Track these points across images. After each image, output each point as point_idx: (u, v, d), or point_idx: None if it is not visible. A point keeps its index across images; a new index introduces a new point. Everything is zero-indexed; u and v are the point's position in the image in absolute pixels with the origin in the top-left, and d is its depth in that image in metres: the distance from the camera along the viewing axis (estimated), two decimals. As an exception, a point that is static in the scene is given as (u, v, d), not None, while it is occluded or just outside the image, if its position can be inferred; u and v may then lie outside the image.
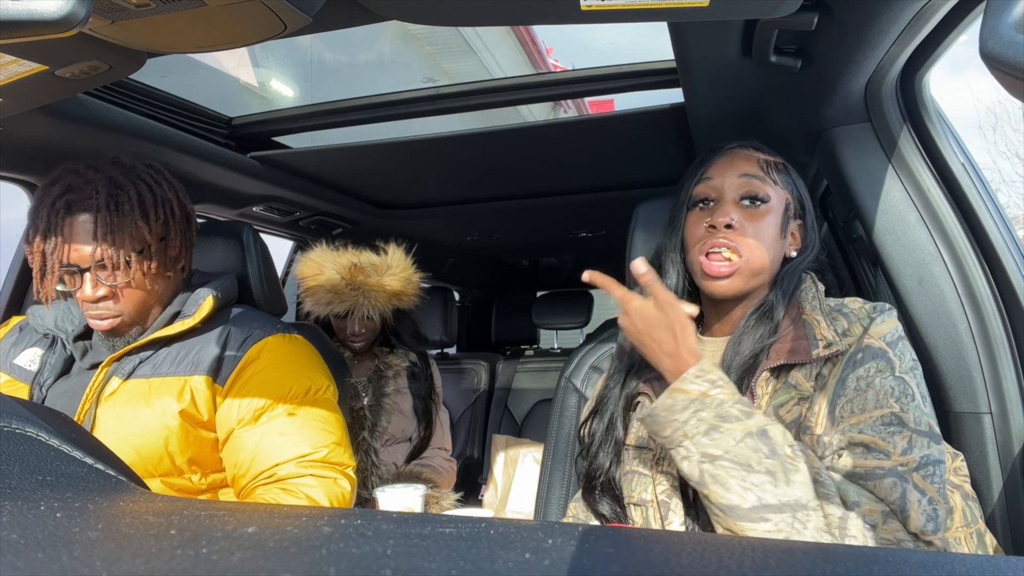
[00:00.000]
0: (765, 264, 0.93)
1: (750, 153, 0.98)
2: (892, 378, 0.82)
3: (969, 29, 0.94)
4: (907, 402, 0.80)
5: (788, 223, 0.96)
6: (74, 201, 1.08)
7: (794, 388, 0.87)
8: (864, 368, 0.83)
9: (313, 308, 1.88)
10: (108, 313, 1.11)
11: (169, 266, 1.17)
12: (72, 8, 0.51)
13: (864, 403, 0.80)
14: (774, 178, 0.96)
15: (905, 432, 0.78)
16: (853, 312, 0.90)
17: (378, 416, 1.93)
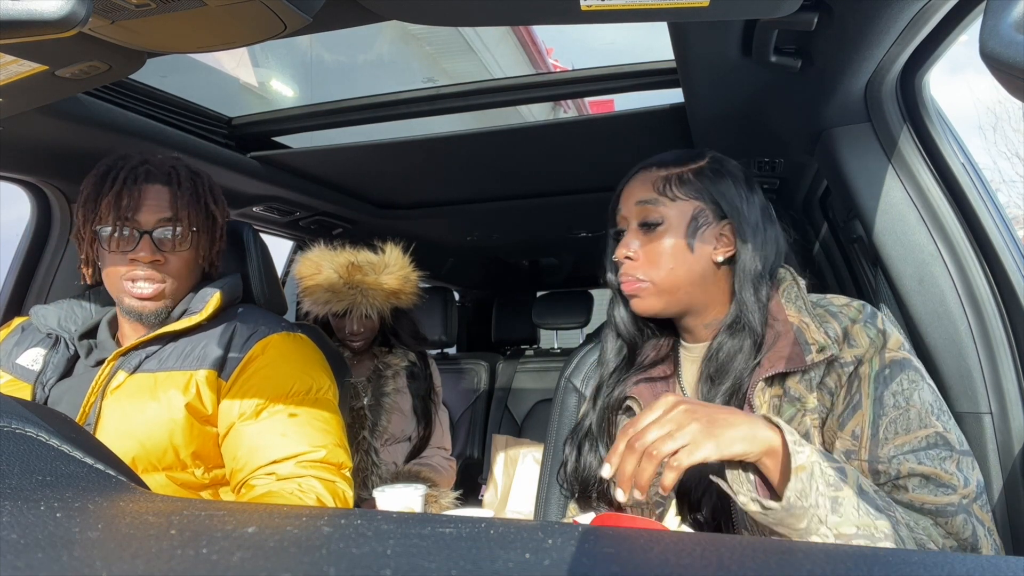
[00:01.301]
0: (677, 280, 0.94)
1: (648, 174, 0.98)
2: (927, 389, 0.83)
3: (969, 29, 0.94)
4: (947, 420, 0.81)
5: (700, 231, 0.95)
6: (152, 172, 1.16)
7: (797, 400, 0.86)
8: (897, 383, 0.82)
9: (311, 307, 1.88)
10: (156, 277, 1.15)
11: (216, 257, 1.25)
12: (72, 8, 0.51)
13: (908, 423, 0.80)
14: (672, 194, 0.95)
15: (953, 456, 0.78)
16: (841, 312, 0.89)
17: (378, 415, 1.93)
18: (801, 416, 0.85)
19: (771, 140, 1.45)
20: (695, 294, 0.96)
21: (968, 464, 0.79)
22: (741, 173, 0.99)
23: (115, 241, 1.13)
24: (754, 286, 0.93)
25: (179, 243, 1.16)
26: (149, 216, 1.14)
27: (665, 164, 0.98)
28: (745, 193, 0.97)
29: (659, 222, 0.95)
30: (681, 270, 0.94)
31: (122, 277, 1.14)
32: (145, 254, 1.13)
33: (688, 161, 0.98)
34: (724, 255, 0.95)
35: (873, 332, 0.86)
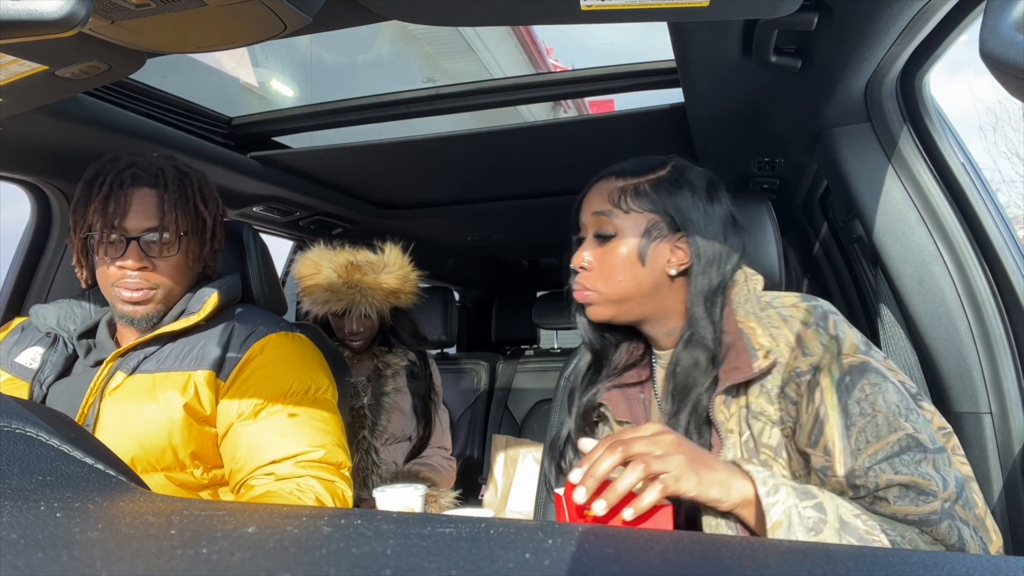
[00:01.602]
0: (626, 292, 0.95)
1: (606, 184, 0.98)
2: (891, 389, 0.80)
3: (969, 29, 0.94)
4: (916, 418, 0.79)
5: (654, 244, 0.94)
6: (140, 175, 1.15)
7: (760, 414, 0.85)
8: (859, 390, 0.80)
9: (311, 307, 1.88)
10: (144, 284, 1.14)
11: (209, 258, 1.24)
12: (72, 8, 0.51)
13: (877, 430, 0.78)
14: (627, 206, 0.95)
15: (928, 456, 0.77)
16: (792, 316, 0.87)
17: (378, 415, 1.93)
18: (769, 428, 0.84)
19: (771, 140, 1.45)
20: (648, 305, 0.96)
21: (943, 462, 0.78)
22: (703, 182, 0.98)
23: (103, 248, 1.12)
24: (706, 300, 0.93)
25: (167, 249, 1.15)
26: (136, 222, 1.12)
27: (624, 174, 0.98)
28: (703, 204, 0.96)
29: (612, 234, 0.95)
30: (631, 283, 0.94)
31: (112, 283, 1.14)
32: (133, 261, 1.12)
33: (647, 171, 0.97)
34: (678, 268, 0.95)
35: (826, 338, 0.84)
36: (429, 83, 5.65)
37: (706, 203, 0.96)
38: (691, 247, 0.94)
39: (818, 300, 0.89)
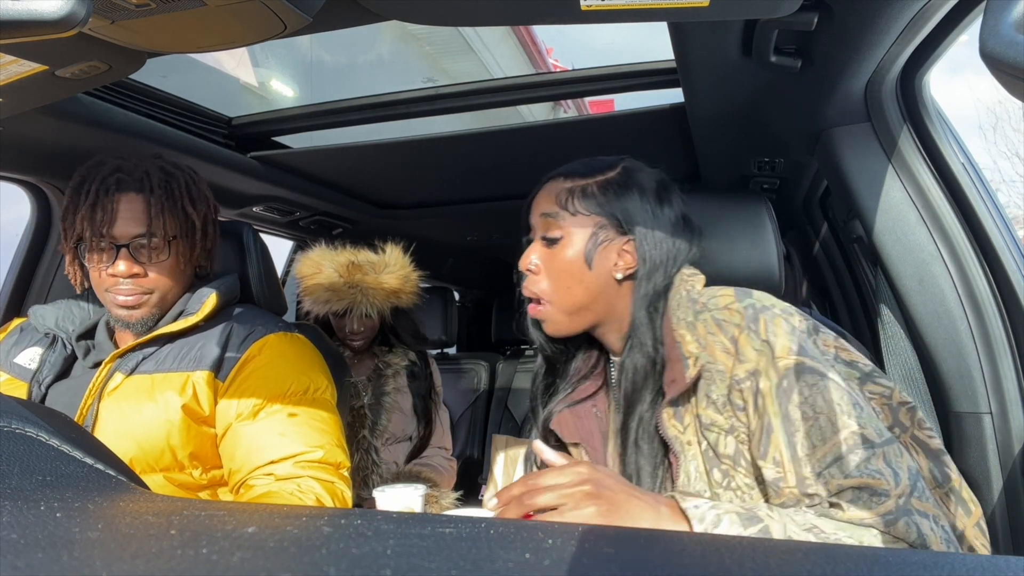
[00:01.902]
0: (575, 299, 0.93)
1: (555, 185, 0.97)
2: (830, 387, 0.77)
3: (969, 29, 0.94)
4: (859, 412, 0.76)
5: (600, 247, 0.93)
6: (125, 180, 1.13)
7: (712, 425, 0.83)
8: (798, 393, 0.77)
9: (312, 307, 1.88)
10: (136, 290, 1.14)
11: (202, 258, 1.22)
12: (72, 8, 0.51)
13: (822, 432, 0.75)
14: (574, 208, 0.94)
15: (876, 452, 0.74)
16: (725, 320, 0.85)
17: (378, 415, 1.93)
18: (723, 438, 0.82)
19: (771, 140, 1.44)
20: (599, 309, 0.95)
21: (894, 453, 0.75)
22: (653, 183, 0.96)
23: (94, 256, 1.12)
24: (649, 306, 0.91)
25: (156, 254, 1.14)
26: (124, 229, 1.11)
27: (572, 175, 0.96)
28: (652, 206, 0.94)
29: (559, 237, 0.94)
30: (579, 288, 0.93)
31: (106, 289, 1.14)
32: (123, 268, 1.12)
33: (596, 172, 0.96)
34: (625, 272, 0.93)
35: (757, 343, 0.81)
36: (429, 83, 5.65)
37: (655, 205, 0.94)
38: (638, 251, 0.93)
39: (751, 297, 0.86)
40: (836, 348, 0.90)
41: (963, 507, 0.85)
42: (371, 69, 6.00)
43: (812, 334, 0.86)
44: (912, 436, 0.88)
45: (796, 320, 0.85)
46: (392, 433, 1.96)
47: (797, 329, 0.83)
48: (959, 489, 0.85)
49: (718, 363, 0.83)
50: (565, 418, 0.99)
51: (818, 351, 0.83)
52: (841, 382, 0.78)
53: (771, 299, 0.86)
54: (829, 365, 0.80)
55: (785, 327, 0.82)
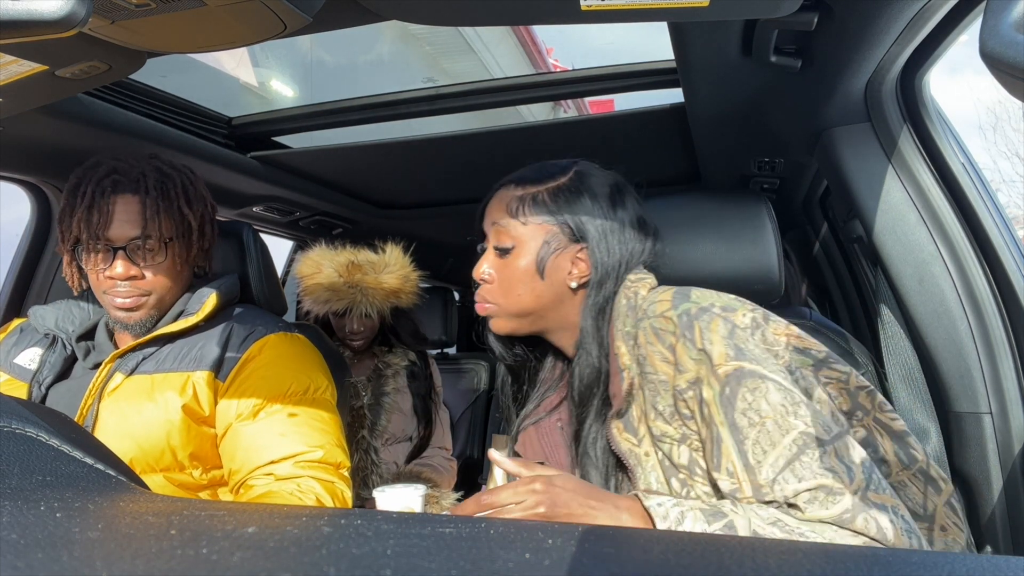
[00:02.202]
0: (525, 306, 0.92)
1: (506, 193, 0.95)
2: (772, 388, 0.76)
3: (969, 29, 0.94)
4: (804, 410, 0.75)
5: (552, 256, 0.91)
6: (120, 182, 1.12)
7: (664, 436, 0.82)
8: (741, 399, 0.76)
9: (312, 307, 1.88)
10: (134, 292, 1.13)
11: (199, 258, 1.22)
12: (72, 8, 0.51)
13: (769, 436, 0.74)
14: (525, 217, 0.92)
15: (827, 448, 0.72)
16: (663, 328, 0.83)
17: (378, 415, 1.93)
18: (676, 448, 0.81)
19: (771, 140, 1.44)
20: (550, 317, 0.94)
21: (845, 447, 0.73)
22: (607, 187, 0.95)
23: (91, 259, 1.12)
24: (597, 315, 0.90)
25: (153, 256, 1.14)
26: (120, 232, 1.11)
27: (523, 182, 0.95)
28: (605, 211, 0.92)
29: (511, 246, 0.92)
30: (530, 297, 0.92)
31: (103, 291, 1.14)
32: (121, 271, 1.11)
33: (547, 178, 0.94)
34: (579, 280, 0.92)
35: (694, 352, 0.80)
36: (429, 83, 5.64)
37: (608, 210, 0.93)
38: (591, 258, 0.91)
39: (688, 300, 0.84)
40: (788, 335, 0.87)
41: (933, 486, 0.83)
42: (371, 69, 6.00)
43: (761, 325, 0.84)
44: (875, 419, 0.86)
45: (740, 316, 0.83)
46: (392, 433, 1.96)
47: (738, 328, 0.81)
48: (927, 468, 0.84)
49: (659, 373, 0.82)
50: (529, 436, 0.98)
51: (760, 349, 0.80)
52: (784, 381, 0.77)
53: (711, 297, 0.85)
54: (772, 363, 0.79)
55: (722, 330, 0.80)
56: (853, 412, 0.86)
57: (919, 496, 0.83)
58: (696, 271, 1.17)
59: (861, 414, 0.86)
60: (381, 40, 6.14)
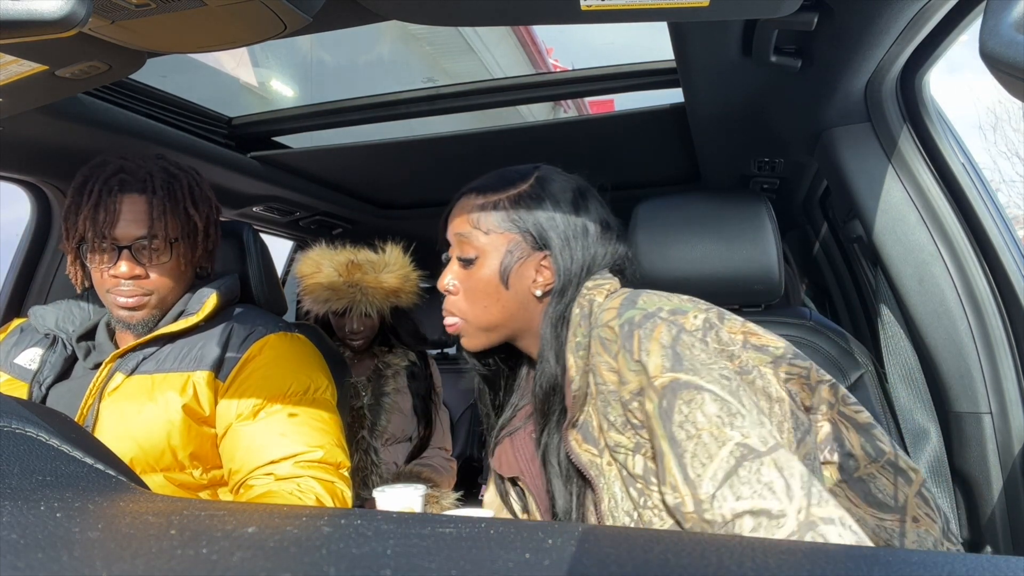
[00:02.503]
0: (492, 318, 0.91)
1: (467, 202, 0.94)
2: (707, 399, 0.74)
3: (969, 29, 0.94)
4: (740, 421, 0.73)
5: (516, 265, 0.90)
6: (128, 181, 1.13)
7: (619, 447, 0.80)
8: (678, 412, 0.74)
9: (312, 306, 1.88)
10: (138, 292, 1.14)
11: (203, 259, 1.22)
12: (72, 8, 0.51)
13: (707, 448, 0.72)
14: (486, 227, 0.91)
15: (764, 459, 0.70)
16: (608, 339, 0.82)
17: (377, 415, 1.93)
18: (632, 458, 0.79)
19: (771, 140, 1.45)
20: (516, 326, 0.93)
21: (783, 459, 0.70)
22: (569, 192, 0.94)
23: (96, 257, 1.12)
24: (557, 322, 0.89)
25: (158, 256, 1.14)
26: (126, 231, 1.11)
27: (484, 190, 0.93)
28: (568, 216, 0.91)
29: (474, 257, 0.91)
30: (496, 308, 0.91)
31: (107, 290, 1.14)
32: (125, 270, 1.11)
33: (508, 185, 0.93)
34: (543, 288, 0.91)
35: (633, 364, 0.79)
36: (429, 83, 5.64)
37: (571, 215, 0.92)
38: (554, 265, 0.90)
39: (634, 307, 0.82)
40: (744, 333, 0.86)
41: (902, 476, 0.82)
42: (371, 69, 6.00)
43: (715, 325, 0.82)
44: (839, 412, 0.85)
45: (690, 319, 0.81)
46: (392, 434, 1.96)
47: (685, 332, 0.79)
48: (895, 460, 0.82)
49: (608, 384, 0.81)
50: (503, 450, 0.97)
51: (707, 354, 0.78)
52: (721, 391, 0.75)
53: (659, 301, 0.83)
54: (713, 371, 0.77)
55: (665, 338, 0.78)
56: (816, 407, 0.85)
57: (889, 487, 0.81)
58: (696, 271, 1.17)
59: (825, 408, 0.85)
60: (381, 40, 6.14)
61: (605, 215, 0.95)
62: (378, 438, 1.92)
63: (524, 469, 0.96)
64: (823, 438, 0.84)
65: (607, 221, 0.95)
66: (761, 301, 1.24)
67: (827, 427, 0.84)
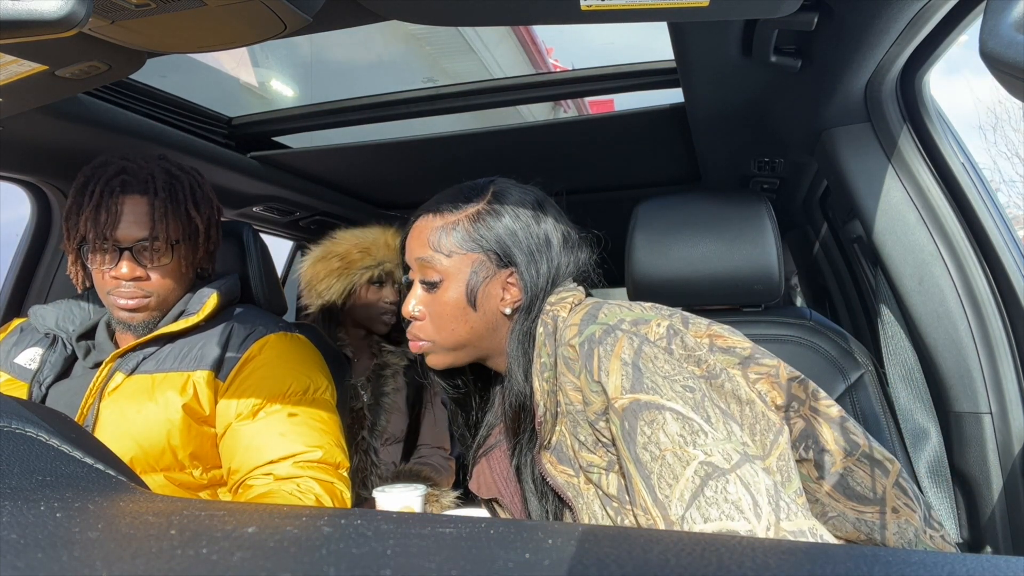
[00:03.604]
0: (460, 339, 0.90)
1: (425, 223, 0.91)
2: (668, 419, 0.73)
3: (969, 29, 0.94)
4: (703, 439, 0.72)
5: (482, 285, 0.89)
6: (129, 182, 1.12)
7: (592, 466, 0.79)
8: (640, 433, 0.73)
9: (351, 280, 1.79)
10: (138, 293, 1.14)
11: (204, 260, 1.22)
12: (72, 8, 0.51)
13: (672, 469, 0.71)
14: (447, 249, 0.89)
15: (729, 476, 0.69)
16: (571, 358, 0.80)
17: (377, 415, 1.93)
18: (606, 477, 0.78)
19: (771, 140, 1.45)
20: (486, 346, 0.92)
21: (748, 475, 0.70)
22: (528, 203, 0.92)
23: (97, 258, 1.12)
24: (524, 338, 0.87)
25: (159, 258, 1.14)
26: (127, 232, 1.11)
27: (441, 210, 0.91)
28: (530, 229, 0.90)
29: (437, 281, 0.89)
30: (464, 329, 0.89)
31: (107, 291, 1.14)
32: (126, 271, 1.11)
33: (465, 203, 0.91)
34: (512, 306, 0.89)
35: (594, 385, 0.77)
36: (429, 83, 5.64)
37: (532, 227, 0.90)
38: (521, 281, 0.89)
39: (595, 323, 0.81)
40: (710, 336, 0.85)
41: (879, 468, 0.82)
42: (371, 69, 6.00)
43: (680, 331, 0.81)
44: (810, 408, 0.84)
45: (653, 328, 0.80)
46: (391, 433, 1.96)
47: (647, 344, 0.78)
48: (871, 452, 0.82)
49: (575, 404, 0.80)
50: (480, 470, 0.96)
51: (671, 365, 0.77)
52: (683, 408, 0.74)
53: (621, 313, 0.82)
54: (675, 386, 0.75)
55: (626, 353, 0.77)
56: (788, 404, 0.84)
57: (867, 479, 0.81)
58: (696, 271, 1.17)
59: (797, 405, 0.84)
60: (381, 40, 6.14)
61: (565, 223, 0.94)
62: (378, 438, 1.92)
63: (502, 489, 0.95)
64: (797, 435, 0.83)
65: (567, 230, 0.94)
66: (761, 301, 1.24)
67: (800, 424, 0.83)
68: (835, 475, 0.81)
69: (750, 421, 0.80)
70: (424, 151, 1.73)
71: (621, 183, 2.01)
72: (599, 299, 0.89)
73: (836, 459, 0.82)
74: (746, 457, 0.72)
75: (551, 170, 1.90)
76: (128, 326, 1.16)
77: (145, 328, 1.17)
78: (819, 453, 0.82)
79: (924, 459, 1.12)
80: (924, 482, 1.12)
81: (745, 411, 0.80)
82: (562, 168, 1.88)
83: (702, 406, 0.75)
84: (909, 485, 0.82)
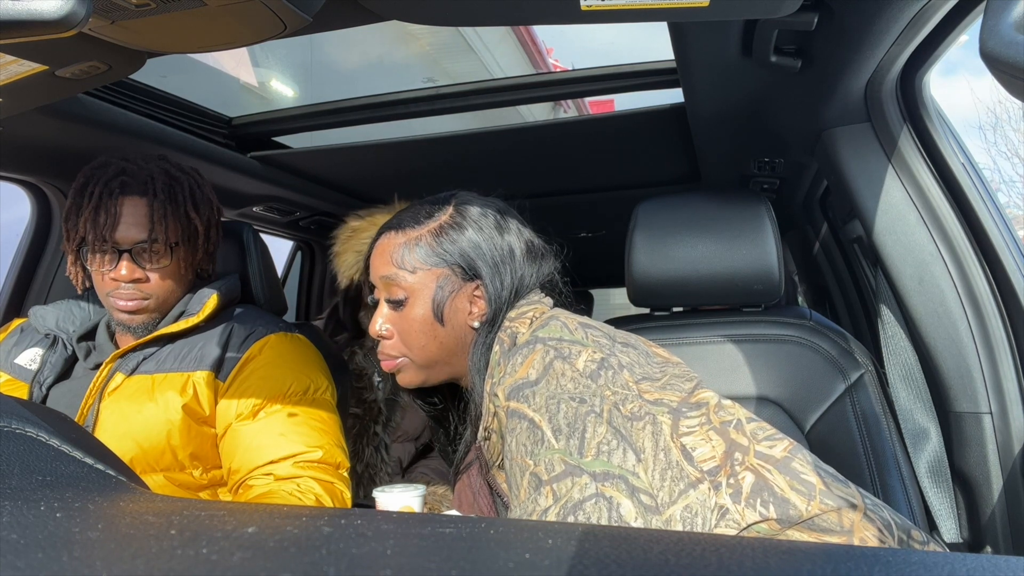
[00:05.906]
0: (431, 355, 0.90)
1: (388, 241, 0.91)
2: (520, 428, 0.73)
3: (969, 29, 0.94)
4: (541, 449, 0.70)
5: (449, 300, 0.88)
6: (129, 184, 1.12)
7: None
8: (507, 445, 0.74)
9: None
10: (137, 295, 1.13)
11: (204, 261, 1.22)
12: (72, 8, 0.51)
13: (517, 480, 0.71)
14: (411, 265, 0.88)
15: (544, 488, 0.68)
16: None
17: (392, 411, 1.91)
18: None
19: (771, 140, 1.45)
20: (457, 363, 0.91)
21: (567, 485, 0.68)
22: (490, 216, 0.91)
23: (96, 259, 1.12)
24: (487, 352, 0.87)
25: (158, 260, 1.14)
26: (126, 234, 1.11)
27: (403, 227, 0.91)
28: (494, 241, 0.89)
29: (403, 298, 0.89)
30: (433, 345, 0.89)
31: (107, 293, 1.14)
32: (126, 273, 1.11)
33: (427, 218, 0.91)
34: (480, 319, 0.89)
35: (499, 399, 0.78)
36: (429, 83, 5.64)
37: (495, 238, 0.90)
38: (487, 294, 0.88)
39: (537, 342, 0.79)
40: (640, 389, 0.82)
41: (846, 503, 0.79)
42: (371, 69, 6.00)
43: (612, 368, 0.78)
44: (756, 454, 0.80)
45: (582, 355, 0.77)
46: (404, 430, 1.95)
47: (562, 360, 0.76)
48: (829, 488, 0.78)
49: None
50: (461, 487, 0.95)
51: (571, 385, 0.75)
52: (538, 417, 0.73)
53: (560, 332, 0.80)
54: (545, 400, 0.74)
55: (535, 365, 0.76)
56: (731, 453, 0.79)
57: (833, 516, 0.77)
58: (696, 271, 1.17)
59: (740, 455, 0.79)
60: (381, 40, 6.13)
61: (529, 234, 0.94)
62: (391, 434, 1.90)
63: (482, 506, 0.94)
64: (749, 492, 0.77)
65: (531, 239, 0.93)
66: (761, 301, 1.24)
67: (750, 477, 0.78)
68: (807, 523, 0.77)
69: (662, 466, 0.76)
70: (424, 151, 1.73)
71: (621, 183, 2.02)
72: (559, 311, 0.88)
73: (800, 508, 0.77)
74: (574, 466, 0.69)
75: (551, 170, 1.90)
76: (128, 327, 1.16)
77: (145, 329, 1.17)
78: (780, 504, 0.77)
79: (924, 459, 1.12)
80: (924, 482, 1.12)
81: (659, 456, 0.77)
82: (562, 168, 1.88)
83: (580, 419, 0.72)
84: (878, 516, 0.78)
